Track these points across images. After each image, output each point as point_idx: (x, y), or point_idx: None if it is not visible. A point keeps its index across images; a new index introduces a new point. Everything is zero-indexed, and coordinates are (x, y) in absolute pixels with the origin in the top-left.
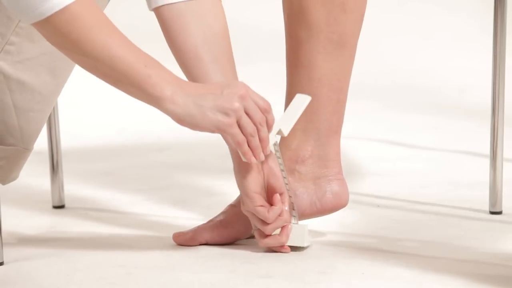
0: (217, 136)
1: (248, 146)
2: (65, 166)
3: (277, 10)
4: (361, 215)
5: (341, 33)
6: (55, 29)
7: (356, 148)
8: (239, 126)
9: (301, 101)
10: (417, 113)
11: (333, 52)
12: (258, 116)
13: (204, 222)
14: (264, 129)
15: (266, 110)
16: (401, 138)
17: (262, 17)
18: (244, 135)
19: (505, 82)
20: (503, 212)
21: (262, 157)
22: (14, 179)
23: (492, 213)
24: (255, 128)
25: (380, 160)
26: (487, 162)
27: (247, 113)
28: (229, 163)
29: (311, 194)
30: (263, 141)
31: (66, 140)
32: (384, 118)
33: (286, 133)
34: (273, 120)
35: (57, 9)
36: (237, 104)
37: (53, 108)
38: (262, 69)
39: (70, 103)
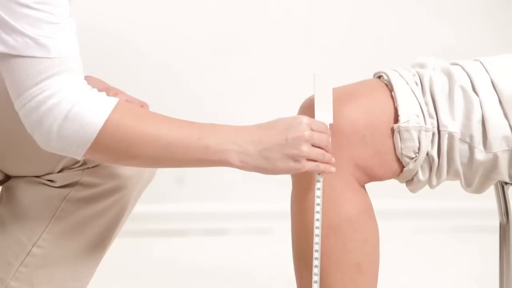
0: None
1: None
2: None
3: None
4: None
5: None
6: (105, 147)
7: None
8: (310, 158)
9: (324, 82)
10: None
11: None
12: (324, 142)
13: None
14: (329, 147)
15: (326, 132)
16: None
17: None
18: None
19: None
20: None
21: (333, 169)
22: None
23: None
24: (323, 151)
25: None
26: None
27: (313, 145)
28: None
29: None
30: (329, 158)
31: None
32: None
33: (331, 120)
34: (329, 138)
35: (99, 127)
36: (304, 149)
37: None
38: None
39: None
